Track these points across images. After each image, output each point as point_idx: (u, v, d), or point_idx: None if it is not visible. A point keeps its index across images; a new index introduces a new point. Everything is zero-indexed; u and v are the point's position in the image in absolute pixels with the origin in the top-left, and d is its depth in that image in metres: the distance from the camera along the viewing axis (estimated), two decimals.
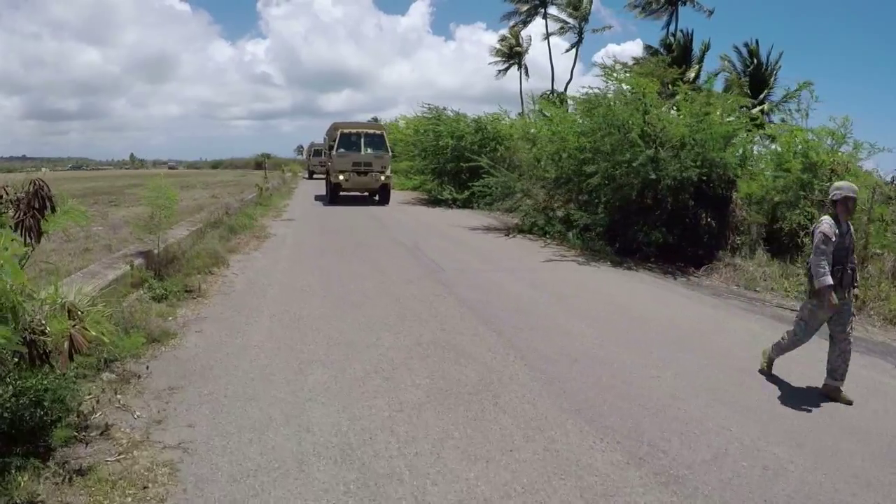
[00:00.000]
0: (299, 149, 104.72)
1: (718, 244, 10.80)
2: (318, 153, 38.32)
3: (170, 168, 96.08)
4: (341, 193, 19.98)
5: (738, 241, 10.81)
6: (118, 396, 3.88)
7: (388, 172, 19.87)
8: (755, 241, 10.61)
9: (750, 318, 6.86)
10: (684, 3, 32.22)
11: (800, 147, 10.67)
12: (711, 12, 33.32)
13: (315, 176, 38.67)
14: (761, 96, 21.89)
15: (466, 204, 19.20)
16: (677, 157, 10.35)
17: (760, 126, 13.59)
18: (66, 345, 2.81)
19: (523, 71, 47.96)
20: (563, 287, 7.96)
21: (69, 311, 3.02)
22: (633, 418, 3.93)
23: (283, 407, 3.89)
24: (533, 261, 9.97)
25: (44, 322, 2.92)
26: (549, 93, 39.96)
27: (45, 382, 3.25)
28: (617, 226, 11.45)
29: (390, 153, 20.42)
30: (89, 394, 3.76)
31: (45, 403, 3.24)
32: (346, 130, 19.66)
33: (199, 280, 6.93)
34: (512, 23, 44.90)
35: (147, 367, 4.40)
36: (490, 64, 49.28)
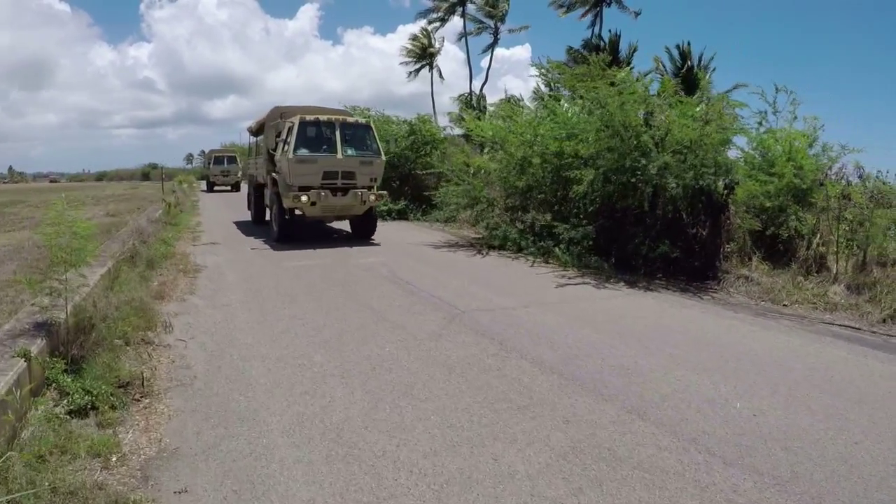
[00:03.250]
0: (189, 157, 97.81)
1: (713, 254, 9.80)
2: (218, 161, 33.89)
3: (52, 181, 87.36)
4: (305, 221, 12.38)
5: (728, 250, 9.94)
6: None
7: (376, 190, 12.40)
8: (750, 249, 9.80)
9: (823, 341, 5.83)
10: (609, 5, 32.06)
11: (780, 150, 10.01)
12: (638, 13, 33.48)
13: (217, 188, 33.71)
14: (694, 97, 21.71)
15: (402, 215, 17.11)
16: (685, 161, 9.17)
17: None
18: None
19: (436, 72, 46.42)
20: (620, 323, 6.27)
21: None
22: None
23: None
24: (544, 287, 8.17)
25: None
26: (467, 95, 38.74)
27: None
28: (607, 238, 10.10)
29: (383, 157, 12.70)
30: None
31: None
32: (309, 118, 11.76)
33: (134, 360, 4.36)
34: (427, 20, 43.20)
35: None
36: (401, 65, 47.38)
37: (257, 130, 15.49)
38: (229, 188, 33.37)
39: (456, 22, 44.66)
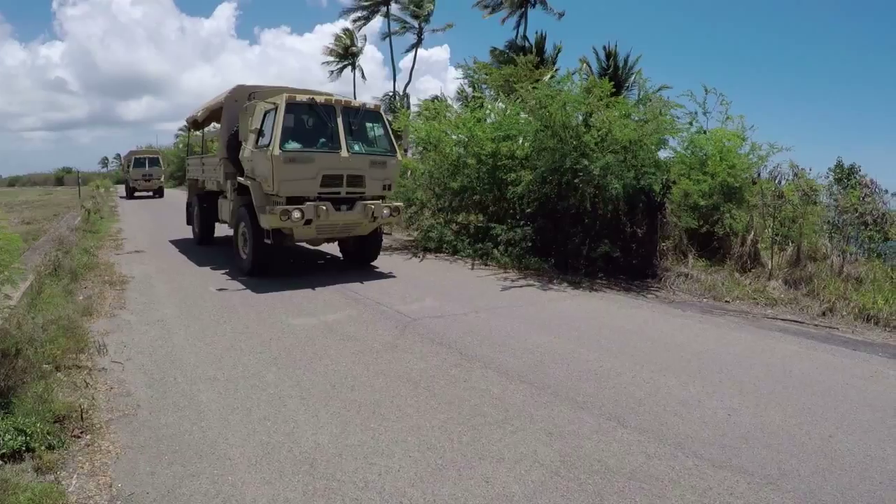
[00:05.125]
0: (104, 161, 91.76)
1: (651, 252, 10.04)
2: (139, 163, 30.43)
3: None
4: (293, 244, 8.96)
5: (664, 247, 10.20)
6: None
7: (390, 200, 9.20)
8: (686, 247, 10.08)
9: (773, 336, 6.02)
10: (534, 6, 32.49)
11: (712, 149, 10.36)
12: (562, 14, 34.03)
13: (138, 194, 30.26)
14: (622, 97, 22.24)
15: None
16: (624, 161, 9.30)
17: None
18: None
19: (359, 72, 45.68)
20: (575, 326, 6.22)
21: None
22: None
23: None
24: (489, 290, 8.05)
25: None
26: (391, 95, 38.34)
27: None
28: (546, 239, 10.13)
29: (399, 156, 9.39)
30: None
31: None
32: (301, 99, 8.20)
33: (68, 389, 3.85)
34: (353, 18, 42.40)
35: None
36: (323, 64, 46.38)
37: (205, 119, 11.82)
38: (151, 194, 30.87)
39: (375, 23, 44.46)
